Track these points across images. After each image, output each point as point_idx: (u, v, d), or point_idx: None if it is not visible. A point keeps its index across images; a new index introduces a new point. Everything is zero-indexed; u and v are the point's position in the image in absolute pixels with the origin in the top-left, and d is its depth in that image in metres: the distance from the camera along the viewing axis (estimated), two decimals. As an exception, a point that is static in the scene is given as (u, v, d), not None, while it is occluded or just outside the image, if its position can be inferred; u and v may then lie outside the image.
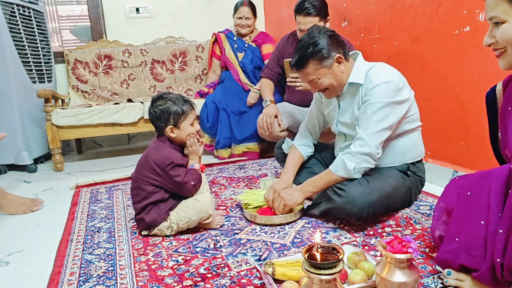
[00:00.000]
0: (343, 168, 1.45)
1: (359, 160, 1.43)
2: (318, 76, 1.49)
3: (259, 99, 2.74)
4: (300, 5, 2.14)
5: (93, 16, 3.41)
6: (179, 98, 1.52)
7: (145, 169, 1.47)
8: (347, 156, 1.45)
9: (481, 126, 1.68)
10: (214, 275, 1.18)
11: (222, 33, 3.14)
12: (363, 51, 2.35)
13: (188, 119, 1.51)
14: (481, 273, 0.92)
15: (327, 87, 1.52)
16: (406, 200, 1.60)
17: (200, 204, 1.46)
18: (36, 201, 1.92)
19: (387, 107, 1.42)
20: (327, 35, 1.49)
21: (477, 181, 0.98)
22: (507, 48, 0.92)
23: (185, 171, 1.48)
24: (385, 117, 1.42)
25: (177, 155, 1.50)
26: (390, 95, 1.42)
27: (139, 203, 1.48)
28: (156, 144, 1.53)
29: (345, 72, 1.52)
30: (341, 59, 1.49)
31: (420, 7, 1.91)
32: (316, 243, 0.86)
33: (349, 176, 1.46)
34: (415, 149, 1.59)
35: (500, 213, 0.88)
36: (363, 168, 1.45)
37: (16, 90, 2.64)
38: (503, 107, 1.02)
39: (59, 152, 2.69)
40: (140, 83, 3.37)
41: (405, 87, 1.48)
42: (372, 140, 1.42)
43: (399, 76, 1.48)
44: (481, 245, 0.92)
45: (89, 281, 1.20)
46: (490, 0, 0.93)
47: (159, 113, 1.49)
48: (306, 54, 1.46)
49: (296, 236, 1.44)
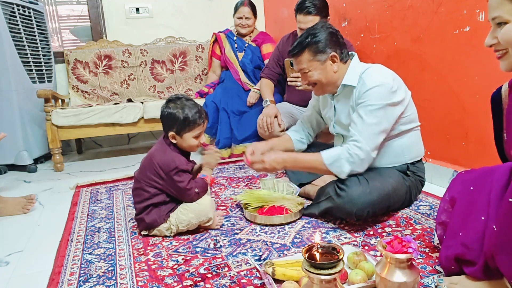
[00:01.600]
0: (338, 166, 1.44)
1: (356, 166, 1.43)
2: (310, 68, 1.51)
3: (259, 99, 2.74)
4: (301, 4, 2.15)
5: (93, 16, 3.41)
6: (193, 108, 1.46)
7: (149, 170, 1.46)
8: (346, 157, 1.43)
9: (481, 126, 1.68)
10: (214, 275, 1.18)
11: (222, 33, 3.14)
12: (363, 51, 2.38)
13: (193, 131, 1.46)
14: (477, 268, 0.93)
15: (315, 81, 1.53)
16: (406, 200, 1.60)
17: (200, 208, 1.46)
18: (29, 197, 1.91)
19: (381, 109, 1.41)
20: (329, 31, 1.50)
21: (480, 177, 0.99)
22: (508, 50, 0.92)
23: (189, 178, 1.46)
24: (380, 120, 1.41)
25: (182, 160, 1.47)
26: (384, 98, 1.41)
27: (140, 203, 1.48)
28: (161, 146, 1.50)
29: (338, 73, 1.52)
30: (335, 58, 1.50)
31: (420, 7, 1.91)
32: (316, 243, 0.86)
33: (338, 175, 1.46)
34: (414, 149, 1.59)
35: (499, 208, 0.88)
36: (355, 172, 1.45)
37: (16, 90, 2.64)
38: (508, 108, 1.02)
39: (59, 152, 2.69)
40: (140, 83, 3.37)
41: (400, 89, 1.47)
42: (369, 143, 1.42)
43: (393, 78, 1.47)
44: (479, 239, 0.93)
45: (89, 281, 1.20)
46: (493, 0, 0.92)
47: (166, 115, 1.46)
48: (304, 42, 1.49)
49: (296, 236, 1.44)
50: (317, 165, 1.48)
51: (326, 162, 1.46)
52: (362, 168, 1.45)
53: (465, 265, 0.99)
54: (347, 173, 1.44)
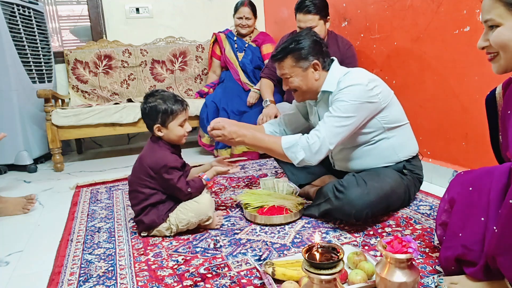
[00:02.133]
0: (293, 152, 1.45)
1: (309, 155, 1.43)
2: (291, 74, 1.52)
3: (259, 99, 2.74)
4: (300, 3, 2.15)
5: (93, 16, 3.41)
6: (171, 97, 1.48)
7: (140, 172, 1.47)
8: (303, 143, 1.44)
9: (481, 126, 1.68)
10: (214, 275, 1.18)
11: (222, 33, 3.14)
12: (363, 51, 2.38)
13: (177, 119, 1.48)
14: (477, 268, 0.93)
15: (295, 88, 1.55)
16: (405, 199, 1.60)
17: (199, 206, 1.46)
18: (29, 197, 1.91)
19: (351, 106, 1.41)
20: (313, 39, 1.51)
21: (479, 177, 0.99)
22: (499, 52, 0.92)
23: (179, 175, 1.46)
24: (347, 114, 1.42)
25: (171, 157, 1.47)
26: (356, 96, 1.42)
27: (137, 205, 1.48)
28: (149, 146, 1.51)
29: (319, 80, 1.53)
30: (317, 66, 1.51)
31: (420, 7, 1.91)
32: (316, 243, 0.86)
33: (292, 160, 1.47)
34: (406, 147, 1.59)
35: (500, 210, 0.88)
36: (308, 163, 1.46)
37: (16, 90, 2.64)
38: (503, 110, 1.02)
39: (59, 152, 2.69)
40: (140, 83, 3.37)
41: (377, 89, 1.47)
42: (328, 135, 1.42)
43: (370, 79, 1.47)
44: (479, 241, 0.93)
45: (89, 281, 1.20)
46: (486, 3, 0.93)
47: (148, 110, 1.47)
48: (287, 48, 1.50)
49: (296, 236, 1.44)
50: (275, 148, 1.50)
51: (283, 146, 1.47)
52: (314, 159, 1.44)
53: (466, 266, 0.99)
54: (299, 160, 1.45)
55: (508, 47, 0.90)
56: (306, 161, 1.45)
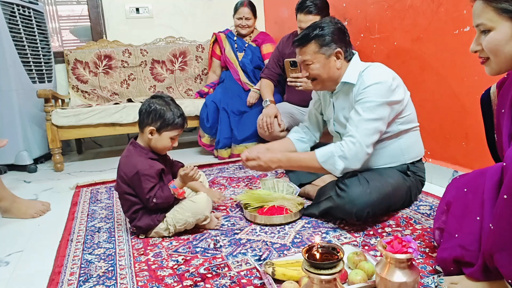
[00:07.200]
0: (331, 164, 1.43)
1: (349, 162, 1.41)
2: (313, 60, 1.50)
3: (259, 99, 2.74)
4: (301, 3, 2.15)
5: (93, 16, 3.41)
6: (177, 111, 1.48)
7: (120, 179, 1.47)
8: (338, 153, 1.42)
9: (481, 126, 1.67)
10: (214, 275, 1.18)
11: (222, 33, 3.14)
12: (363, 51, 2.37)
13: (173, 132, 1.47)
14: (476, 268, 0.93)
15: (315, 76, 1.52)
16: (407, 200, 1.60)
17: (196, 206, 1.46)
18: (45, 204, 1.89)
19: (379, 106, 1.40)
20: (337, 27, 1.50)
21: (473, 179, 1.00)
22: (490, 57, 0.93)
23: (152, 184, 1.41)
24: (377, 116, 1.41)
25: (145, 163, 1.44)
26: (382, 95, 1.41)
27: (128, 211, 1.48)
28: (127, 151, 1.50)
29: (340, 70, 1.52)
30: (340, 54, 1.50)
31: (420, 7, 1.91)
32: (316, 243, 0.86)
33: (332, 172, 1.45)
34: (413, 149, 1.59)
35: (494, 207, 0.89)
36: (350, 169, 1.44)
37: (16, 90, 2.64)
38: (498, 109, 1.03)
39: (59, 152, 2.69)
40: (140, 83, 3.37)
41: (399, 88, 1.47)
42: (364, 139, 1.40)
43: (393, 77, 1.46)
44: (476, 240, 0.93)
45: (89, 281, 1.20)
46: (476, 7, 0.93)
47: (151, 110, 1.45)
48: (311, 34, 1.48)
49: (296, 236, 1.44)
50: (311, 164, 1.47)
51: (319, 160, 1.45)
52: (355, 164, 1.43)
53: (464, 266, 0.99)
54: (340, 170, 1.43)
55: (499, 52, 0.91)
56: (347, 168, 1.43)
